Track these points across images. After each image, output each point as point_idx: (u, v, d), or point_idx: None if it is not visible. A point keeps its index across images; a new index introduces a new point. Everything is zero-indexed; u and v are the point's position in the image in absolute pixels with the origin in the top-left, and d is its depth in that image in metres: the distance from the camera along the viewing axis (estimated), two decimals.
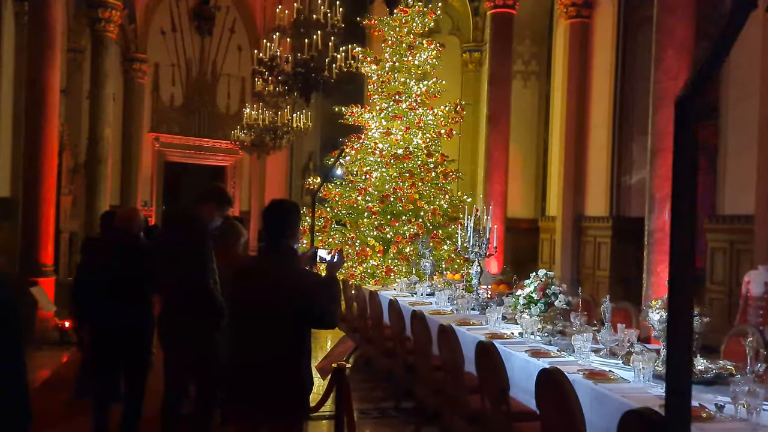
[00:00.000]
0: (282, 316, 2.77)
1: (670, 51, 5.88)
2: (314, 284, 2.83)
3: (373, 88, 10.79)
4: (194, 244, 3.50)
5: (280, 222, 2.89)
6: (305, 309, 2.76)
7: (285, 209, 2.95)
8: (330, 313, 2.85)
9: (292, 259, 2.89)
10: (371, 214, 9.71)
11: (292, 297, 2.76)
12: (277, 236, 2.88)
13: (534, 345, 4.61)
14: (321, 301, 2.79)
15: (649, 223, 6.12)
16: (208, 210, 3.74)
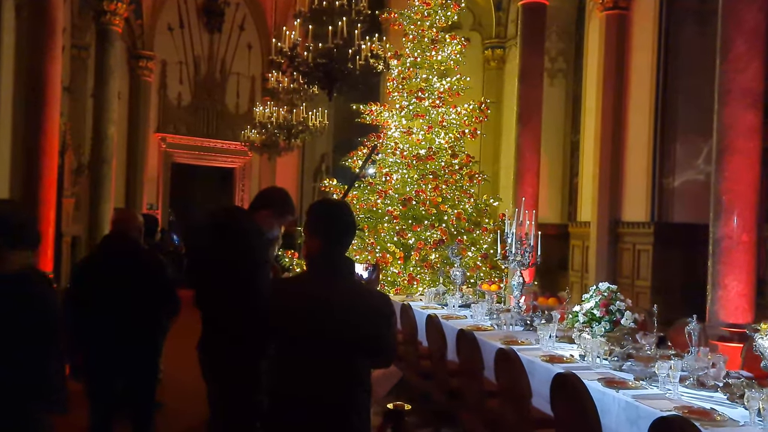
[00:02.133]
0: (344, 349, 2.20)
1: (738, 40, 5.26)
2: (381, 311, 2.23)
3: (393, 85, 10.17)
4: (251, 260, 2.88)
5: (342, 229, 2.29)
6: (372, 340, 2.19)
7: (349, 212, 2.37)
8: (394, 347, 2.26)
9: (353, 277, 2.29)
10: (392, 219, 9.07)
11: (359, 325, 2.20)
12: (336, 247, 2.28)
13: (603, 372, 3.97)
14: (387, 330, 2.20)
15: (715, 230, 5.48)
16: (265, 217, 3.12)
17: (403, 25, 10.18)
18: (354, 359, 2.22)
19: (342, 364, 2.20)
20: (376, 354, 2.28)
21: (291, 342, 2.26)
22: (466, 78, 10.14)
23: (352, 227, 2.33)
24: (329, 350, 2.19)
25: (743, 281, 5.28)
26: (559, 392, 2.95)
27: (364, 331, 2.21)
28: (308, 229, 2.35)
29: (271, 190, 3.35)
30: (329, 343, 2.19)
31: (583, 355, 4.35)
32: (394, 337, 2.41)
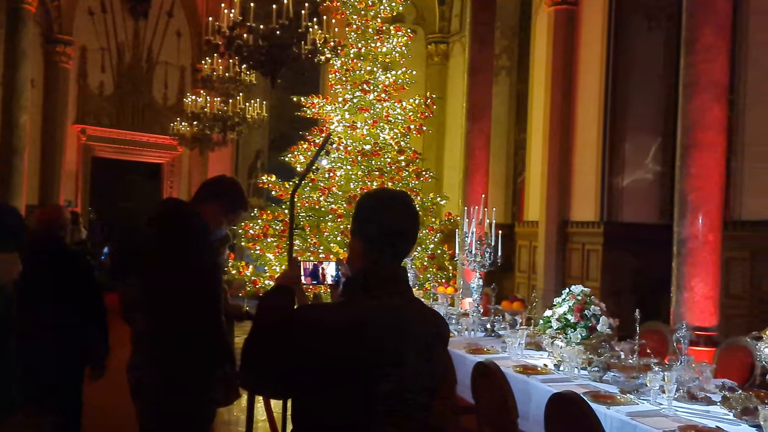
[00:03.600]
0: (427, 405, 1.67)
1: (706, 29, 5.06)
2: (445, 336, 1.77)
3: (335, 77, 9.70)
4: (194, 259, 2.32)
5: (414, 231, 1.72)
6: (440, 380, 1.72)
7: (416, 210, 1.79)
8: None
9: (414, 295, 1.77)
10: (336, 217, 8.59)
11: (438, 362, 1.71)
12: (402, 257, 1.71)
13: (584, 383, 3.63)
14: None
15: (680, 230, 5.28)
16: (212, 212, 2.56)
17: (346, 14, 9.72)
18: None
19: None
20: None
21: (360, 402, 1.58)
22: (412, 71, 9.79)
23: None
24: (415, 408, 1.64)
25: (709, 283, 5.10)
26: (560, 413, 2.55)
27: (440, 370, 1.72)
28: (358, 234, 1.71)
29: (220, 179, 2.80)
30: (416, 398, 1.63)
31: (557, 365, 4.01)
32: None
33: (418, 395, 1.63)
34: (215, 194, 2.61)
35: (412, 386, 1.61)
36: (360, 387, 1.54)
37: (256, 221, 8.98)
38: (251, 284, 8.60)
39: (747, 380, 4.10)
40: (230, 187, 2.69)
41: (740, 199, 6.47)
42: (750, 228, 6.35)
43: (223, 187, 2.68)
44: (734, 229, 6.35)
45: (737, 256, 6.36)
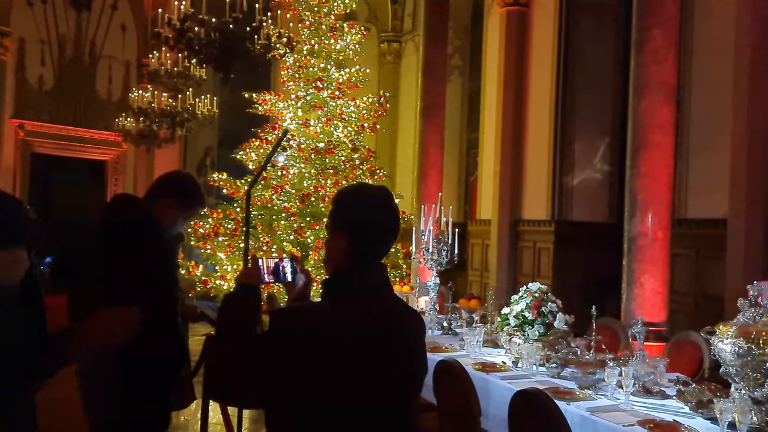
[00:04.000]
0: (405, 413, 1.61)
1: (656, 30, 5.19)
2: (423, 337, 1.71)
3: (288, 73, 9.56)
4: (148, 259, 2.19)
5: (397, 229, 1.67)
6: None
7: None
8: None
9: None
10: (289, 216, 8.47)
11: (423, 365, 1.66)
12: (384, 255, 1.66)
13: (543, 380, 3.67)
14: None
15: (630, 228, 5.40)
16: (167, 209, 2.44)
17: (298, 10, 9.59)
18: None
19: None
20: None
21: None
22: (366, 69, 9.74)
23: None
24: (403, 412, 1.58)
25: (659, 279, 5.24)
26: (525, 410, 2.55)
27: (422, 370, 1.67)
28: (342, 229, 1.64)
29: (176, 175, 2.68)
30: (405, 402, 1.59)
31: (515, 362, 4.04)
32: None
33: (406, 400, 1.59)
34: (171, 190, 2.50)
35: (402, 391, 1.57)
36: (357, 396, 1.48)
37: (206, 220, 8.77)
38: (201, 284, 8.39)
39: (696, 373, 4.23)
40: (187, 184, 2.58)
41: (685, 198, 6.67)
42: (694, 226, 6.55)
43: (180, 183, 2.57)
44: (680, 227, 6.54)
45: (682, 254, 6.55)
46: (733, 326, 2.85)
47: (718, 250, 6.08)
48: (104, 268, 2.18)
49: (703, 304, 6.40)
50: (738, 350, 2.77)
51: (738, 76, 5.50)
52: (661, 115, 5.18)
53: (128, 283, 2.18)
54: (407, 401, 1.60)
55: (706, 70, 6.47)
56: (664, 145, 5.23)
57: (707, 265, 6.40)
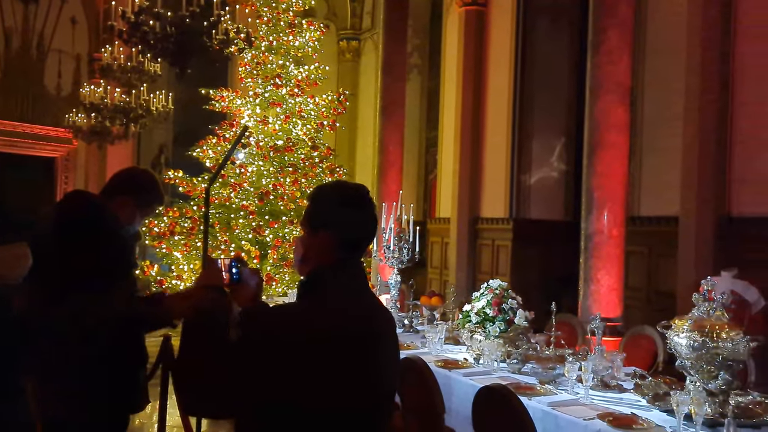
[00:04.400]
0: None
1: (611, 31, 5.30)
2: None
3: (245, 70, 9.44)
4: (105, 258, 2.11)
5: (375, 224, 1.66)
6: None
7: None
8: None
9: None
10: (247, 214, 8.35)
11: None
12: (362, 253, 1.65)
13: (504, 375, 3.70)
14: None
15: (587, 226, 5.51)
16: (124, 206, 2.35)
17: (257, 6, 9.46)
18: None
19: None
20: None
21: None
22: (325, 67, 9.68)
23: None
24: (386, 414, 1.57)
25: (614, 275, 5.36)
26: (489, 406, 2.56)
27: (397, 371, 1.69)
28: (327, 227, 1.61)
29: (133, 170, 2.59)
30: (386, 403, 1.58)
31: (477, 358, 4.06)
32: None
33: (387, 401, 1.58)
34: (128, 187, 2.42)
35: (381, 390, 1.56)
36: (337, 398, 1.46)
37: (161, 218, 8.58)
38: (157, 284, 8.20)
39: (651, 367, 4.34)
40: (144, 180, 2.51)
41: (638, 197, 6.84)
42: (647, 224, 6.72)
43: (137, 179, 2.49)
44: (633, 225, 6.69)
45: (636, 251, 6.70)
46: (688, 320, 2.92)
47: (670, 247, 6.25)
48: (59, 266, 2.10)
49: (655, 300, 6.58)
50: (693, 344, 2.84)
51: (689, 76, 5.66)
52: (616, 115, 5.30)
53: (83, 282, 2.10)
54: (386, 400, 1.59)
55: (659, 70, 6.65)
56: (619, 145, 5.35)
57: (659, 261, 6.58)
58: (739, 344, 2.74)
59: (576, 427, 2.79)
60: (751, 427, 2.66)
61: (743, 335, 2.79)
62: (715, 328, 2.79)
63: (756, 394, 2.93)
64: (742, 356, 2.78)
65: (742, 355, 2.77)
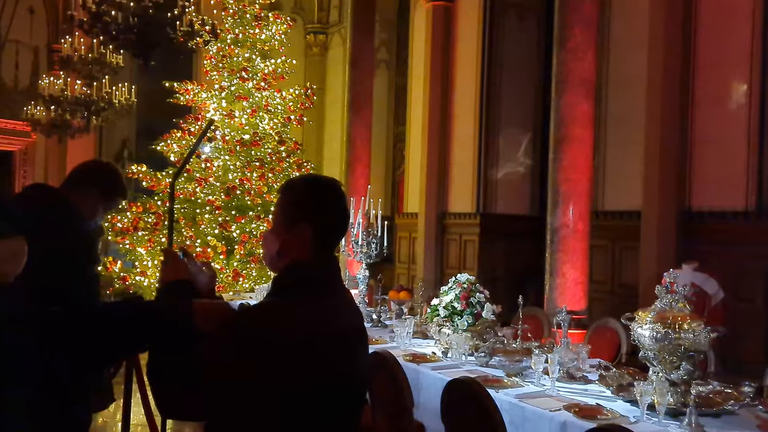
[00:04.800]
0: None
1: (576, 29, 5.37)
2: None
3: (211, 63, 9.29)
4: (65, 254, 2.04)
5: (349, 216, 1.68)
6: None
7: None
8: None
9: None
10: (213, 209, 8.24)
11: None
12: (335, 247, 1.63)
13: (472, 369, 3.72)
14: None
15: (553, 220, 5.58)
16: (86, 199, 2.27)
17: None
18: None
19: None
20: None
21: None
22: (292, 61, 9.60)
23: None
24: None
25: (579, 269, 5.44)
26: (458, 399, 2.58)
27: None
28: (307, 220, 1.55)
29: (95, 163, 2.52)
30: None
31: (445, 352, 4.08)
32: None
33: (365, 391, 1.58)
34: (90, 180, 2.35)
35: (362, 385, 1.56)
36: (323, 394, 1.45)
37: (125, 214, 8.41)
38: (120, 281, 8.04)
39: (615, 358, 4.42)
40: (107, 173, 2.44)
41: (602, 191, 6.95)
42: (611, 218, 6.84)
43: (100, 172, 2.43)
44: (597, 219, 6.81)
45: (600, 244, 6.82)
46: (651, 312, 2.98)
47: (632, 240, 6.38)
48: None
49: (618, 292, 6.71)
50: (656, 335, 2.89)
51: (651, 73, 5.78)
52: (581, 109, 5.38)
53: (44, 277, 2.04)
54: (365, 390, 1.60)
55: (623, 67, 6.77)
56: (583, 139, 5.43)
57: (622, 255, 6.71)
58: (700, 335, 2.80)
59: (542, 419, 2.83)
60: (711, 415, 2.72)
61: (704, 326, 2.86)
62: (678, 320, 2.84)
63: (716, 383, 3.01)
64: (703, 347, 2.84)
65: (703, 345, 2.84)
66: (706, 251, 5.49)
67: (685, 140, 5.96)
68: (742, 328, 5.15)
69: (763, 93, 5.43)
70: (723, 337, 2.97)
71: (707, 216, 5.76)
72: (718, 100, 5.77)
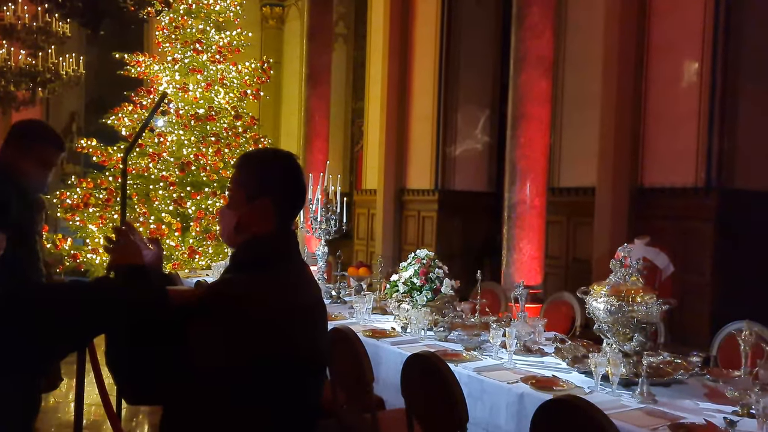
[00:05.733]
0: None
1: (534, 7, 5.39)
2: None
3: (163, 34, 9.02)
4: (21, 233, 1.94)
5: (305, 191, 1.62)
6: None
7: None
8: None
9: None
10: (167, 185, 8.06)
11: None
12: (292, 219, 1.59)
13: (431, 343, 3.76)
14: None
15: (510, 196, 5.65)
16: (25, 161, 2.16)
17: None
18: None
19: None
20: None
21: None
22: (248, 33, 9.39)
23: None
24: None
25: (535, 244, 5.53)
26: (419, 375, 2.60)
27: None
28: (268, 194, 1.52)
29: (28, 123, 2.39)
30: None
31: (404, 327, 4.11)
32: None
33: (323, 369, 1.58)
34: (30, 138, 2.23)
35: (326, 356, 1.57)
36: (289, 369, 1.43)
37: (74, 190, 8.15)
38: (71, 258, 7.82)
39: (569, 331, 4.53)
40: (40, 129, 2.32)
41: (558, 168, 7.06)
42: (566, 194, 6.96)
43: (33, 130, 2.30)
44: (552, 195, 6.92)
45: (555, 220, 6.94)
46: (605, 286, 3.05)
47: (586, 216, 6.52)
48: None
49: (572, 267, 6.86)
50: (610, 308, 2.97)
51: (607, 53, 5.85)
52: (539, 87, 5.42)
53: None
54: (327, 363, 1.60)
55: (579, 46, 6.84)
56: (541, 117, 5.48)
57: (576, 230, 6.85)
58: (652, 308, 2.88)
59: (500, 391, 2.88)
60: (662, 385, 2.81)
61: (656, 299, 2.95)
62: (631, 293, 2.92)
63: (666, 354, 3.11)
64: (655, 319, 2.93)
65: (655, 318, 2.93)
66: (658, 226, 5.65)
67: (639, 118, 6.08)
68: (690, 301, 5.34)
69: (713, 72, 5.57)
70: (671, 309, 3.06)
71: (659, 192, 5.91)
72: (671, 79, 5.89)
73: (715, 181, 5.54)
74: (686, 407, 2.57)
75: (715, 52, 5.66)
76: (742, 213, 5.60)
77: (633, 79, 5.99)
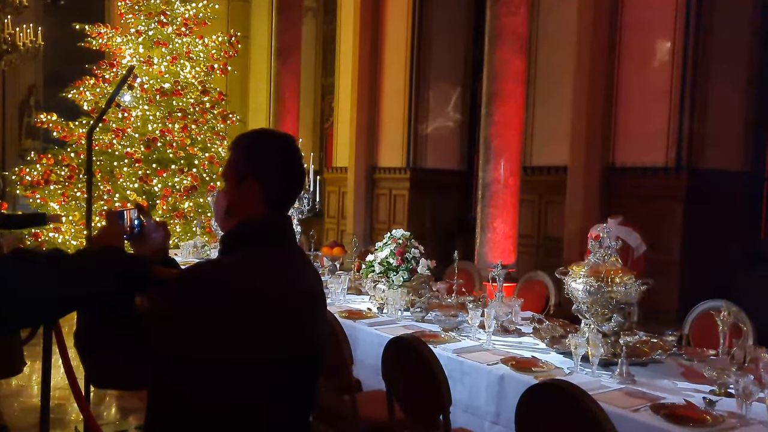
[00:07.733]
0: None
1: None
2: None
3: (125, 5, 8.71)
4: None
5: (304, 174, 1.55)
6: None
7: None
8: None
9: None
10: (132, 162, 7.83)
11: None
12: (290, 205, 1.53)
13: (408, 324, 3.75)
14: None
15: (485, 175, 5.62)
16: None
17: None
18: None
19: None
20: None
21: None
22: (214, 5, 9.12)
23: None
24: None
25: (509, 223, 5.53)
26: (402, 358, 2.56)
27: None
28: (256, 176, 1.46)
29: None
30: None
31: (380, 308, 4.07)
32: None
33: (323, 353, 1.53)
34: None
35: (322, 344, 1.51)
36: (282, 354, 1.38)
37: (34, 166, 7.88)
38: (32, 237, 7.57)
39: (543, 310, 4.55)
40: None
41: (530, 146, 7.05)
42: (538, 173, 6.97)
43: None
44: (525, 174, 6.92)
45: (527, 199, 6.95)
46: (585, 266, 3.04)
47: (558, 195, 6.54)
48: None
49: (544, 245, 6.89)
50: (589, 288, 2.96)
51: (580, 31, 5.83)
52: (514, 65, 5.38)
53: None
54: (323, 352, 1.55)
55: (553, 24, 6.80)
56: (515, 95, 5.45)
57: (548, 209, 6.87)
58: (631, 288, 2.88)
59: (481, 372, 2.86)
60: (639, 365, 2.83)
61: (634, 279, 2.95)
62: (610, 274, 2.92)
63: (641, 333, 3.13)
64: (633, 299, 2.94)
65: (633, 298, 2.93)
66: (628, 205, 5.70)
67: (611, 97, 6.09)
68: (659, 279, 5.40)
69: (685, 51, 5.59)
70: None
71: (630, 171, 5.96)
72: (643, 58, 5.90)
73: (686, 160, 5.60)
74: (665, 387, 2.59)
75: (687, 31, 5.68)
76: (711, 192, 5.68)
77: (606, 58, 5.98)
